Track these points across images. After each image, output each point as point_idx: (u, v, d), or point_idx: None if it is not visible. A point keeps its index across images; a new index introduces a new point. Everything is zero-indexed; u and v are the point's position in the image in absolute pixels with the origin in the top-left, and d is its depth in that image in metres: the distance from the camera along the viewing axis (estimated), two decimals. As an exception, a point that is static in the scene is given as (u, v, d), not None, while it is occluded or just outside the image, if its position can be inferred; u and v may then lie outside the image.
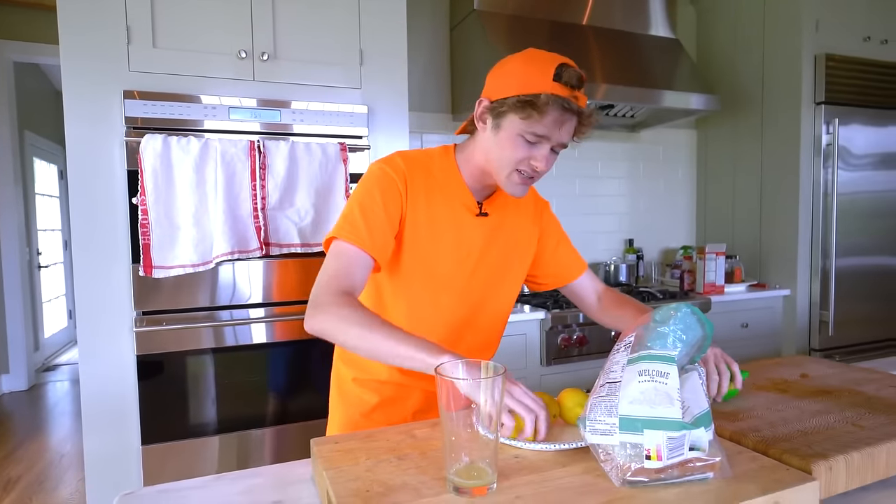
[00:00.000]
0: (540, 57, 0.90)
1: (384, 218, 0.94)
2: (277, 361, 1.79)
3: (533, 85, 0.87)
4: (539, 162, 0.92)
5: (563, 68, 0.88)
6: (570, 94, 0.88)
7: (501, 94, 0.90)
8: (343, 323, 0.83)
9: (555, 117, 0.88)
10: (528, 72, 0.89)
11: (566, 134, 0.91)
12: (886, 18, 2.68)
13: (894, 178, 2.71)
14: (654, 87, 2.39)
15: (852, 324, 2.63)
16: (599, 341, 2.18)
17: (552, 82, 0.87)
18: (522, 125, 0.89)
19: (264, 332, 1.76)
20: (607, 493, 0.61)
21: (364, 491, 0.63)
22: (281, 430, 1.81)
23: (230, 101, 1.69)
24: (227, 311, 1.72)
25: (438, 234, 0.99)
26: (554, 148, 0.92)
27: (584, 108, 0.91)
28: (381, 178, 0.96)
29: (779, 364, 1.09)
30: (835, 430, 0.75)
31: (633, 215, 2.98)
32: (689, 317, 0.69)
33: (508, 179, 0.94)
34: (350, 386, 1.09)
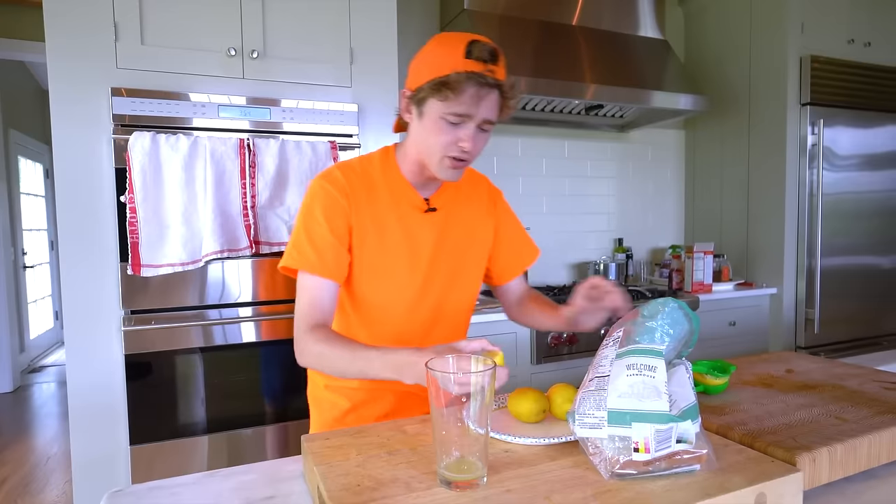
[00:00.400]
0: (450, 38, 0.91)
1: (331, 238, 0.95)
2: (267, 360, 1.78)
3: (445, 66, 0.87)
4: (466, 142, 0.91)
5: (474, 44, 0.88)
6: (483, 69, 0.87)
7: (419, 81, 0.91)
8: (321, 361, 0.90)
9: (472, 94, 0.87)
10: (440, 54, 0.89)
11: (488, 110, 0.91)
12: (870, 22, 2.73)
13: (878, 179, 2.75)
14: (643, 88, 2.41)
15: (837, 322, 2.67)
16: (589, 340, 2.19)
17: (464, 60, 0.87)
18: (442, 107, 0.89)
19: (254, 331, 1.75)
20: (596, 485, 0.62)
21: (355, 486, 0.64)
22: (271, 430, 1.81)
23: (219, 99, 1.68)
24: (216, 311, 1.71)
25: (387, 237, 0.99)
26: (482, 126, 0.92)
27: (501, 80, 0.90)
28: (321, 197, 0.96)
29: (764, 360, 1.11)
30: (819, 423, 0.76)
31: (622, 215, 3.00)
32: (676, 311, 0.70)
33: (440, 165, 0.94)
34: (323, 392, 1.09)
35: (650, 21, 2.68)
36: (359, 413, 1.05)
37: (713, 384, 0.88)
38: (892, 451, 0.74)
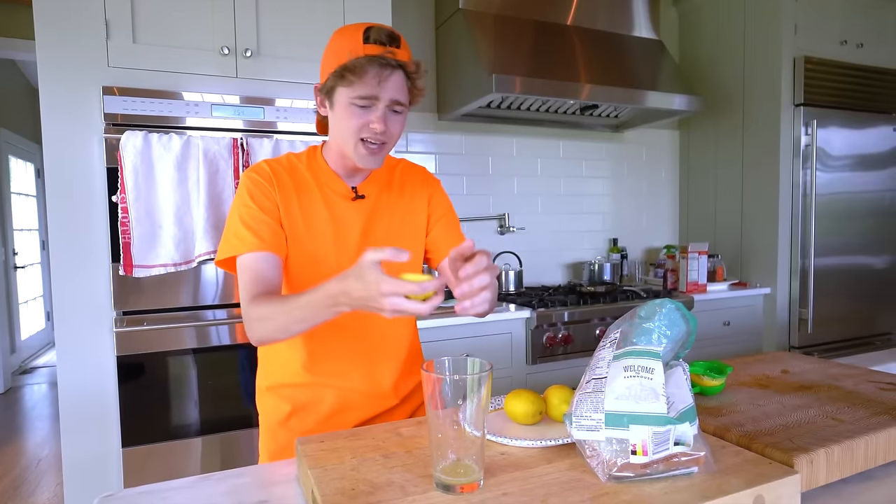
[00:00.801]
0: (348, 28, 0.93)
1: (263, 216, 0.96)
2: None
3: (346, 53, 0.90)
4: (376, 123, 0.92)
5: (371, 29, 0.90)
6: (383, 51, 0.90)
7: (325, 74, 0.94)
8: (265, 324, 0.87)
9: (373, 75, 0.89)
10: (340, 44, 0.92)
11: (395, 90, 0.92)
12: (862, 23, 2.74)
13: (871, 179, 2.77)
14: (637, 88, 2.42)
15: (831, 322, 2.68)
16: (584, 340, 2.19)
17: (363, 45, 0.90)
18: (348, 93, 0.91)
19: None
20: (593, 488, 0.61)
21: (350, 489, 0.63)
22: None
23: (213, 99, 1.66)
24: (209, 311, 1.69)
25: (315, 225, 1.00)
26: (392, 108, 0.93)
27: (403, 61, 0.92)
28: (248, 184, 0.98)
29: (760, 360, 1.10)
30: (815, 424, 0.76)
31: (616, 215, 3.00)
32: (673, 313, 0.69)
33: (356, 152, 0.94)
34: (264, 395, 1.07)
35: (645, 21, 2.68)
36: (300, 416, 1.03)
37: (710, 385, 0.88)
38: (889, 452, 0.74)
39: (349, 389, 1.03)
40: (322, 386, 1.02)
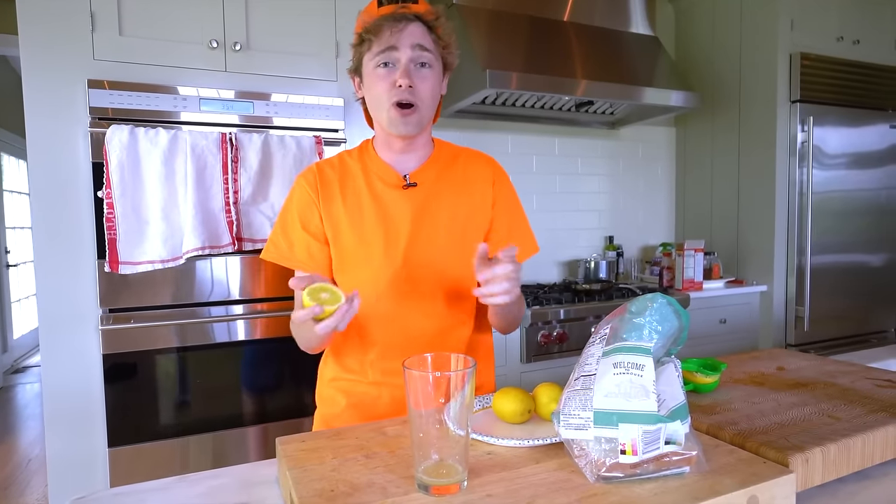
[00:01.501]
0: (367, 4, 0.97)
1: (302, 233, 0.99)
2: (250, 359, 1.74)
3: (364, 22, 0.93)
4: (401, 78, 0.90)
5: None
6: (396, 7, 0.90)
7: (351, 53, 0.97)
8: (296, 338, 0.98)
9: (389, 27, 0.89)
10: (359, 19, 0.95)
11: (413, 36, 0.91)
12: (858, 19, 2.72)
13: (866, 177, 2.75)
14: (633, 84, 2.39)
15: (827, 320, 2.66)
16: (579, 338, 2.17)
17: (377, 9, 0.92)
18: (370, 56, 0.92)
19: (237, 330, 1.71)
20: (581, 489, 0.59)
21: (328, 491, 0.60)
22: (256, 430, 1.77)
23: (201, 93, 1.64)
24: (197, 309, 1.67)
25: (359, 218, 0.98)
26: (419, 62, 0.92)
27: (419, 11, 0.91)
28: (294, 191, 1.01)
29: (755, 357, 1.08)
30: (811, 422, 0.74)
31: (613, 212, 2.98)
32: (665, 307, 0.67)
33: (389, 118, 0.93)
34: (326, 388, 1.08)
35: (641, 17, 2.66)
36: (354, 411, 1.03)
37: (703, 382, 0.86)
38: (887, 450, 0.72)
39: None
40: (381, 384, 1.02)
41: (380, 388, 1.02)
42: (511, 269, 0.81)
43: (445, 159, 1.03)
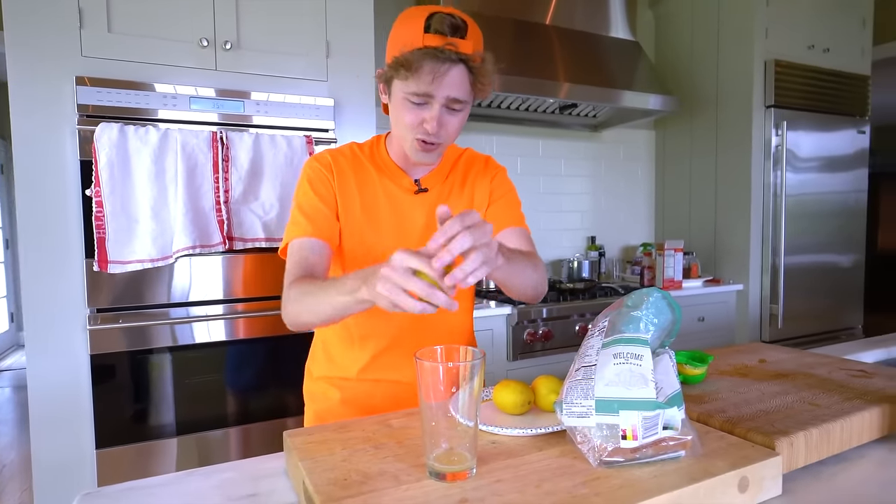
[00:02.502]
0: (412, 13, 0.85)
1: (321, 205, 0.95)
2: (240, 359, 1.74)
3: (405, 42, 0.83)
4: (430, 124, 0.86)
5: (433, 17, 0.82)
6: (443, 43, 0.81)
7: (386, 60, 0.87)
8: (297, 302, 0.84)
9: (429, 70, 0.82)
10: (402, 31, 0.85)
11: (451, 87, 0.84)
12: (828, 29, 2.83)
13: (837, 180, 2.86)
14: (615, 88, 2.45)
15: (799, 317, 2.76)
16: (564, 336, 2.22)
17: (423, 34, 0.82)
18: (402, 86, 0.85)
19: (227, 330, 1.71)
20: (585, 473, 0.62)
21: (342, 480, 0.62)
22: (243, 430, 1.77)
23: (191, 91, 1.63)
24: (187, 308, 1.66)
25: (376, 219, 0.99)
26: (449, 106, 0.87)
27: (465, 54, 0.83)
28: (308, 172, 0.98)
29: (738, 351, 1.13)
30: (793, 409, 0.78)
31: (595, 213, 3.04)
32: (660, 301, 0.71)
33: (411, 147, 0.91)
34: (316, 384, 1.09)
35: (622, 22, 2.72)
36: (349, 405, 1.05)
37: (692, 374, 0.90)
38: (862, 434, 0.77)
39: (400, 383, 1.04)
40: (375, 382, 1.04)
41: (376, 385, 1.04)
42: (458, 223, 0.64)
43: (451, 163, 1.05)
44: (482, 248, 0.65)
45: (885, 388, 0.86)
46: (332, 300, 0.78)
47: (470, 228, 0.64)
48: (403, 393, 1.05)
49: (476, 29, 0.86)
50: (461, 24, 0.84)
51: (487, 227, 0.66)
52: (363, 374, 1.04)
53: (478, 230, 0.65)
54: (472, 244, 0.63)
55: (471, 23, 0.86)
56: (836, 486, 0.68)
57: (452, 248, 0.63)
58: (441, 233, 0.64)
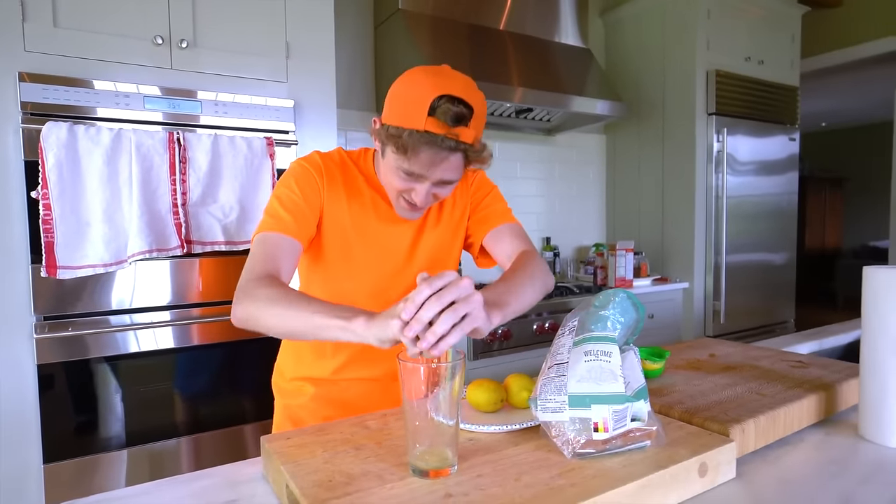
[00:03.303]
0: (420, 83, 0.82)
1: (303, 204, 0.93)
2: (198, 366, 1.70)
3: (408, 117, 0.81)
4: (418, 196, 0.88)
5: (440, 102, 0.80)
6: (446, 132, 0.80)
7: (386, 118, 0.85)
8: (262, 304, 0.78)
9: (428, 157, 0.82)
10: (407, 100, 0.82)
11: (447, 171, 0.85)
12: (763, 42, 3.03)
13: (771, 183, 3.06)
14: (567, 93, 2.53)
15: (740, 313, 2.94)
16: (521, 335, 2.28)
17: (427, 117, 0.80)
18: (396, 159, 0.85)
19: (185, 336, 1.66)
20: (560, 465, 0.66)
21: (327, 481, 0.64)
22: (195, 440, 1.72)
23: (145, 90, 1.58)
24: (141, 314, 1.60)
25: (364, 232, 0.99)
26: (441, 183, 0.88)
27: (465, 143, 0.82)
28: (297, 171, 0.96)
29: (690, 347, 1.21)
30: (743, 398, 0.85)
31: (549, 214, 3.13)
32: (625, 301, 0.76)
33: (397, 203, 0.94)
34: (288, 383, 1.10)
35: (572, 29, 2.81)
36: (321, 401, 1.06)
37: (651, 369, 0.96)
38: (803, 419, 0.85)
39: (373, 380, 1.06)
40: (349, 381, 1.05)
41: (349, 383, 1.06)
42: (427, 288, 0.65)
43: None
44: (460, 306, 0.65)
45: (820, 377, 0.94)
46: (311, 321, 0.74)
47: (439, 292, 0.65)
48: (376, 390, 1.07)
49: (481, 113, 0.85)
50: (466, 113, 0.82)
51: (462, 284, 0.66)
52: (336, 375, 1.05)
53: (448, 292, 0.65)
54: (439, 310, 0.64)
55: (477, 107, 0.84)
56: (782, 466, 0.75)
57: (422, 317, 0.64)
58: (412, 302, 0.65)
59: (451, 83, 0.83)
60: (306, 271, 1.03)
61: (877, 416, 0.80)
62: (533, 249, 1.04)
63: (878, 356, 0.79)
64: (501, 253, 1.03)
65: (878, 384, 0.80)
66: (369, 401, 1.07)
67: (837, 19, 3.76)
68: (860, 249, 7.34)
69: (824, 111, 6.48)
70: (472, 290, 0.67)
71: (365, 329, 0.70)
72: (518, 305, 0.85)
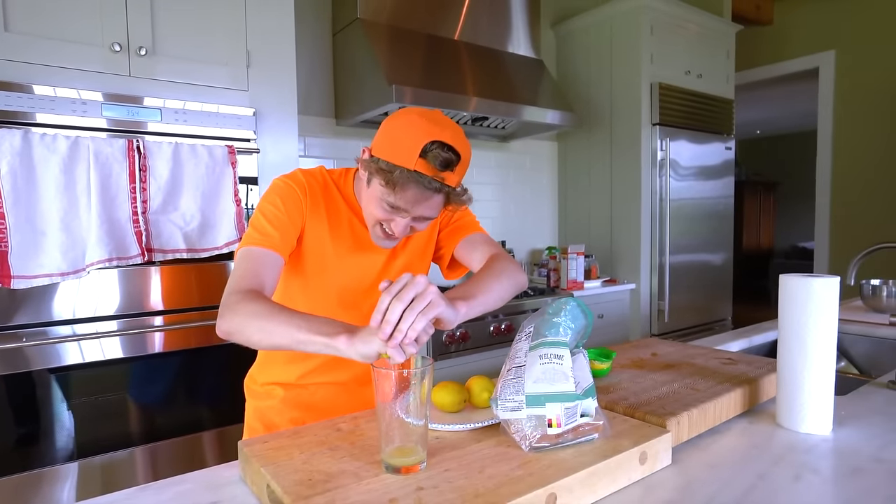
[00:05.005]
0: (415, 127, 0.89)
1: (286, 219, 0.98)
2: (156, 374, 1.69)
3: (400, 155, 0.88)
4: (396, 228, 0.95)
5: (431, 147, 0.87)
6: (433, 174, 0.88)
7: (377, 151, 0.91)
8: (245, 318, 0.82)
9: (413, 195, 0.90)
10: (401, 140, 0.89)
11: (428, 209, 0.93)
12: (701, 57, 3.23)
13: (709, 187, 3.27)
14: (521, 103, 2.63)
15: (682, 311, 3.13)
16: (479, 336, 2.36)
17: (418, 158, 0.87)
18: (382, 191, 0.91)
19: (144, 344, 1.65)
20: (519, 458, 0.73)
21: (307, 480, 0.69)
22: (155, 449, 1.71)
23: (103, 97, 1.56)
24: (101, 323, 1.59)
25: (341, 251, 1.05)
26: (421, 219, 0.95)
27: (449, 186, 0.90)
28: (281, 189, 1.01)
29: (635, 346, 1.32)
30: (680, 393, 0.95)
31: (504, 219, 3.23)
32: (575, 309, 0.84)
33: (373, 231, 1.01)
34: (261, 388, 1.14)
35: (524, 40, 2.91)
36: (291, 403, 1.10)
37: (599, 368, 1.05)
38: (729, 410, 0.95)
39: (338, 384, 1.11)
40: (315, 385, 1.10)
41: (317, 387, 1.11)
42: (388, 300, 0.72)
43: None
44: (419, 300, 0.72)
45: (746, 372, 1.06)
46: (294, 335, 0.78)
47: (399, 293, 0.72)
48: (342, 393, 1.12)
49: (466, 160, 0.93)
50: (454, 159, 0.90)
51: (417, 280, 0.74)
52: (304, 379, 1.10)
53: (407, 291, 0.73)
54: (403, 307, 0.71)
55: (464, 155, 0.92)
56: (711, 452, 0.85)
57: (390, 318, 0.71)
58: (377, 310, 0.72)
59: (443, 131, 0.90)
60: (284, 279, 1.07)
61: (790, 406, 0.92)
62: (504, 252, 1.11)
63: (792, 355, 0.91)
64: (474, 260, 1.10)
65: (791, 378, 0.91)
66: (335, 404, 1.12)
67: (769, 37, 4.05)
68: (790, 250, 7.86)
69: (758, 120, 6.91)
70: (426, 283, 0.75)
71: (348, 346, 0.75)
72: (485, 298, 0.93)
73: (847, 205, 3.72)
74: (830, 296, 0.89)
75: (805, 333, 0.89)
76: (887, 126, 3.52)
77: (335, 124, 2.57)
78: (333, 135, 2.56)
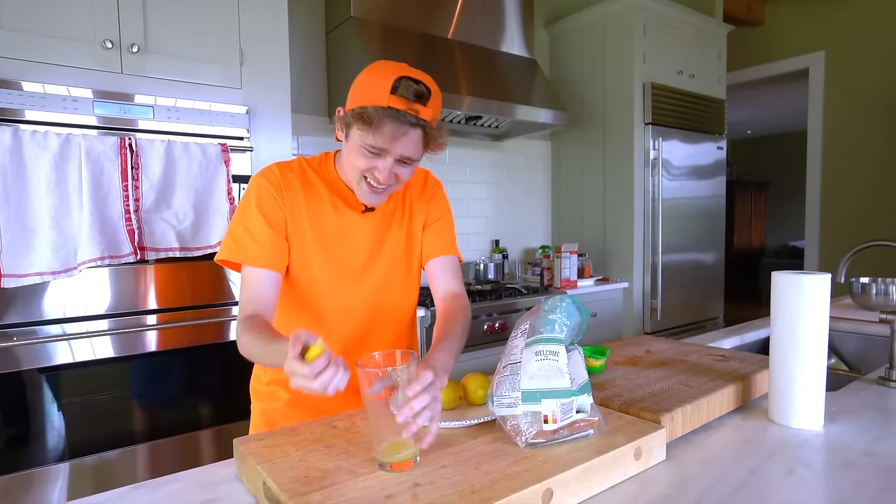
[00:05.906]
0: (382, 69, 0.91)
1: (268, 230, 0.99)
2: (153, 373, 1.68)
3: (371, 97, 0.89)
4: (380, 174, 0.94)
5: (401, 81, 0.89)
6: (406, 107, 0.89)
7: (349, 105, 0.94)
8: (245, 348, 0.94)
9: (389, 130, 0.89)
10: (369, 83, 0.91)
11: (408, 147, 0.92)
12: (693, 57, 3.25)
13: (701, 186, 3.29)
14: (514, 102, 2.64)
15: (675, 310, 3.14)
16: (473, 335, 2.36)
17: (389, 95, 0.88)
18: (361, 136, 0.92)
19: (138, 343, 1.64)
20: (515, 454, 0.74)
21: (303, 477, 0.69)
22: (152, 447, 1.70)
23: (94, 94, 1.55)
24: (94, 322, 1.57)
25: (324, 236, 1.04)
26: (402, 160, 0.95)
27: (424, 120, 0.91)
28: (256, 191, 1.01)
29: (628, 344, 1.32)
30: (673, 390, 0.96)
31: (498, 218, 3.24)
32: (570, 306, 0.84)
33: (359, 187, 1.00)
34: (264, 387, 1.13)
35: (518, 40, 2.92)
36: (296, 405, 1.09)
37: (594, 365, 1.05)
38: (722, 407, 0.96)
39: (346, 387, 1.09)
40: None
41: None
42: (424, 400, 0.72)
43: None
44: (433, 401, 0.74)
45: (738, 369, 1.07)
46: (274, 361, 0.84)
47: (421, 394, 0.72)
48: (349, 392, 1.11)
49: (437, 97, 0.94)
50: (425, 91, 0.91)
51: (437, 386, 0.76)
52: None
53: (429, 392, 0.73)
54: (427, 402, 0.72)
55: (434, 91, 0.93)
56: (705, 447, 0.86)
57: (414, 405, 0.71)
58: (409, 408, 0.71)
59: (411, 69, 0.93)
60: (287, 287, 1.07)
61: (782, 402, 0.93)
62: (463, 293, 1.12)
63: (784, 351, 0.92)
64: (439, 284, 1.12)
65: (783, 375, 0.92)
66: (342, 406, 1.11)
67: (759, 37, 4.08)
68: (781, 249, 7.92)
69: (749, 120, 6.97)
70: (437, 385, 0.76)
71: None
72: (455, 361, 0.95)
73: (837, 204, 3.75)
74: (822, 292, 0.90)
75: (797, 329, 0.90)
76: (876, 126, 3.56)
77: (328, 122, 2.56)
78: (327, 133, 2.56)
